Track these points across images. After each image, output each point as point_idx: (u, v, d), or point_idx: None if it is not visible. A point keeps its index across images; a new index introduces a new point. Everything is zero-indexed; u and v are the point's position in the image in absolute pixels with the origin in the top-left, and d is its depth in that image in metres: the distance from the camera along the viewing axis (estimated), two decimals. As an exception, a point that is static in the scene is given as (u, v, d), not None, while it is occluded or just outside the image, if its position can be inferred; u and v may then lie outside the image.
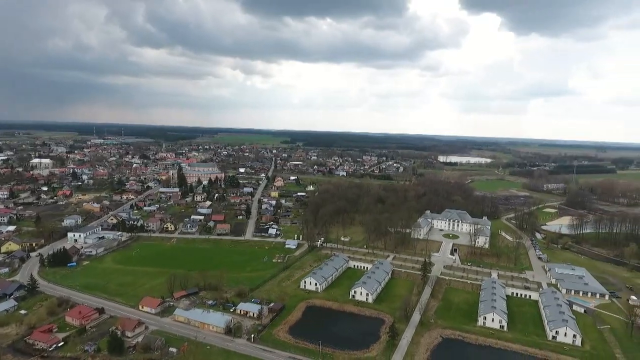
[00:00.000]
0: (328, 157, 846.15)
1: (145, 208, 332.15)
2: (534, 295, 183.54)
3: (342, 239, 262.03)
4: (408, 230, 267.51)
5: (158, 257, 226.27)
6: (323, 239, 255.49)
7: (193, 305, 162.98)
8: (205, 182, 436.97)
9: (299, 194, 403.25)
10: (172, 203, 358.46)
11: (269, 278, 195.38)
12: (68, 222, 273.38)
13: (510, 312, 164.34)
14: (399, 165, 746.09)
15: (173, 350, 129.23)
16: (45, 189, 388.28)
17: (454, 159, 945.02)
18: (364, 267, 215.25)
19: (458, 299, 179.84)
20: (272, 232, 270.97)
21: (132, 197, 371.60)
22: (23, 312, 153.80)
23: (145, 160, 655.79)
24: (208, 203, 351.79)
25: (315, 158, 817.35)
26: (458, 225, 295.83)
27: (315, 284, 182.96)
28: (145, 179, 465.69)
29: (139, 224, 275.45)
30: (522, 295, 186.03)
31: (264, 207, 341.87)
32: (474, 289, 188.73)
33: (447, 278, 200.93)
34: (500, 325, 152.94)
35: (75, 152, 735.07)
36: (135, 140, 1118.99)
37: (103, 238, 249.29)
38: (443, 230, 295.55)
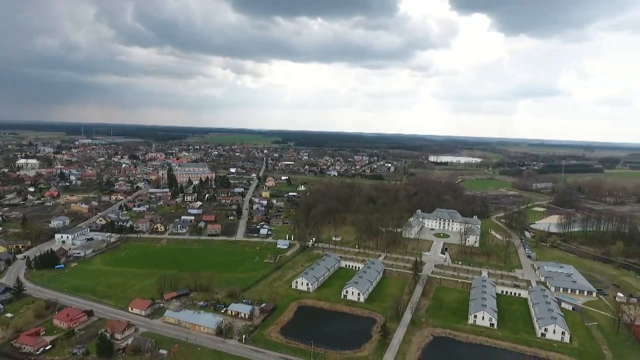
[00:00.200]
0: (319, 157, 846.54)
1: (135, 209, 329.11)
2: (524, 293, 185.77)
3: (333, 239, 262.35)
4: (399, 230, 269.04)
5: (148, 258, 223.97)
6: (314, 239, 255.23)
7: (184, 307, 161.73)
8: (196, 182, 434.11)
9: (291, 194, 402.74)
10: (162, 204, 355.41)
11: (261, 278, 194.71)
12: (55, 223, 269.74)
13: (500, 310, 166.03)
14: (390, 165, 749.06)
15: (163, 352, 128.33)
16: (32, 190, 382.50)
17: (445, 159, 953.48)
18: (356, 266, 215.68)
19: (449, 298, 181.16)
20: (263, 232, 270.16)
21: (121, 197, 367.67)
22: (9, 315, 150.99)
23: (135, 161, 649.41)
24: (199, 203, 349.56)
25: (307, 158, 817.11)
26: (449, 225, 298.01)
27: (307, 284, 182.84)
28: (135, 180, 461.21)
29: (129, 225, 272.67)
30: (511, 294, 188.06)
31: (255, 207, 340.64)
32: (465, 288, 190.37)
33: (438, 277, 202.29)
34: (491, 323, 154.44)
35: (63, 152, 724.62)
36: (125, 140, 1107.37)
37: (91, 239, 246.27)
38: (434, 230, 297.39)
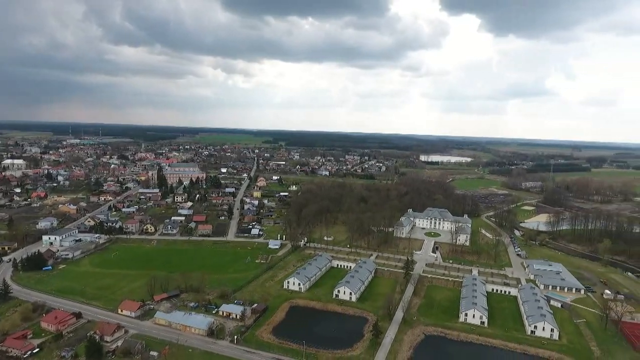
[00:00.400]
0: (311, 156, 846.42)
1: (124, 209, 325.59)
2: (513, 291, 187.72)
3: (325, 239, 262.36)
4: (391, 229, 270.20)
5: (138, 259, 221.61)
6: (306, 239, 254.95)
7: (174, 308, 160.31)
8: (186, 182, 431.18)
9: (282, 194, 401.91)
10: (152, 204, 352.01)
11: (252, 279, 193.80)
12: (43, 224, 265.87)
13: (491, 308, 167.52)
14: (382, 165, 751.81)
15: (154, 354, 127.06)
16: (19, 191, 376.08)
17: (436, 158, 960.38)
18: (347, 266, 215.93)
19: (440, 296, 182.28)
20: (254, 232, 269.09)
21: (110, 198, 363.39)
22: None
23: (124, 161, 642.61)
24: (189, 204, 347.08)
25: (298, 158, 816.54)
26: (439, 224, 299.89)
27: (299, 284, 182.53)
28: (124, 180, 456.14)
29: (118, 226, 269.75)
30: (501, 292, 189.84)
31: (247, 207, 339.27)
32: (456, 286, 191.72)
33: (429, 276, 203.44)
34: (481, 321, 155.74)
35: (50, 152, 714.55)
36: (114, 140, 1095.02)
37: (80, 241, 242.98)
38: (425, 229, 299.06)
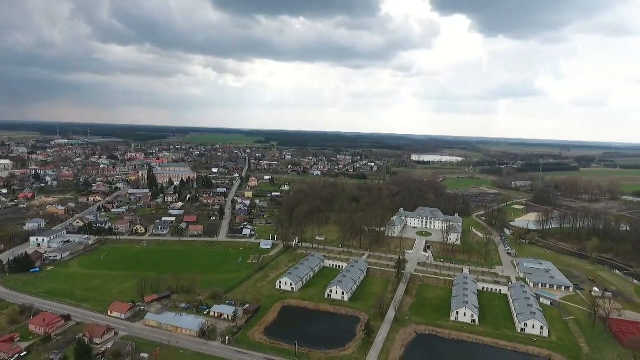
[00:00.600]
0: (302, 156, 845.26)
1: (114, 210, 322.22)
2: (504, 290, 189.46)
3: (317, 239, 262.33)
4: (382, 229, 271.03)
5: (128, 260, 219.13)
6: (298, 239, 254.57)
7: (165, 309, 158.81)
8: (177, 182, 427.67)
9: (274, 194, 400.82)
10: (142, 205, 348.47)
11: (244, 279, 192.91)
12: (30, 225, 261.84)
13: (482, 306, 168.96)
14: (373, 165, 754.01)
15: (145, 356, 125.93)
16: (5, 192, 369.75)
17: (427, 158, 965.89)
18: (340, 266, 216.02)
19: (431, 295, 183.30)
20: (246, 232, 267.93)
21: (99, 199, 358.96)
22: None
23: (114, 161, 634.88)
24: (180, 204, 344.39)
25: (290, 157, 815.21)
26: (431, 223, 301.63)
27: (291, 284, 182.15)
28: (114, 180, 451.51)
29: (107, 227, 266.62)
30: (492, 290, 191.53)
31: (238, 207, 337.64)
32: (447, 285, 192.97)
33: (420, 275, 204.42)
34: (472, 320, 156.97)
35: (38, 152, 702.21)
36: (103, 140, 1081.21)
37: (69, 242, 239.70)
38: (416, 228, 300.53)
